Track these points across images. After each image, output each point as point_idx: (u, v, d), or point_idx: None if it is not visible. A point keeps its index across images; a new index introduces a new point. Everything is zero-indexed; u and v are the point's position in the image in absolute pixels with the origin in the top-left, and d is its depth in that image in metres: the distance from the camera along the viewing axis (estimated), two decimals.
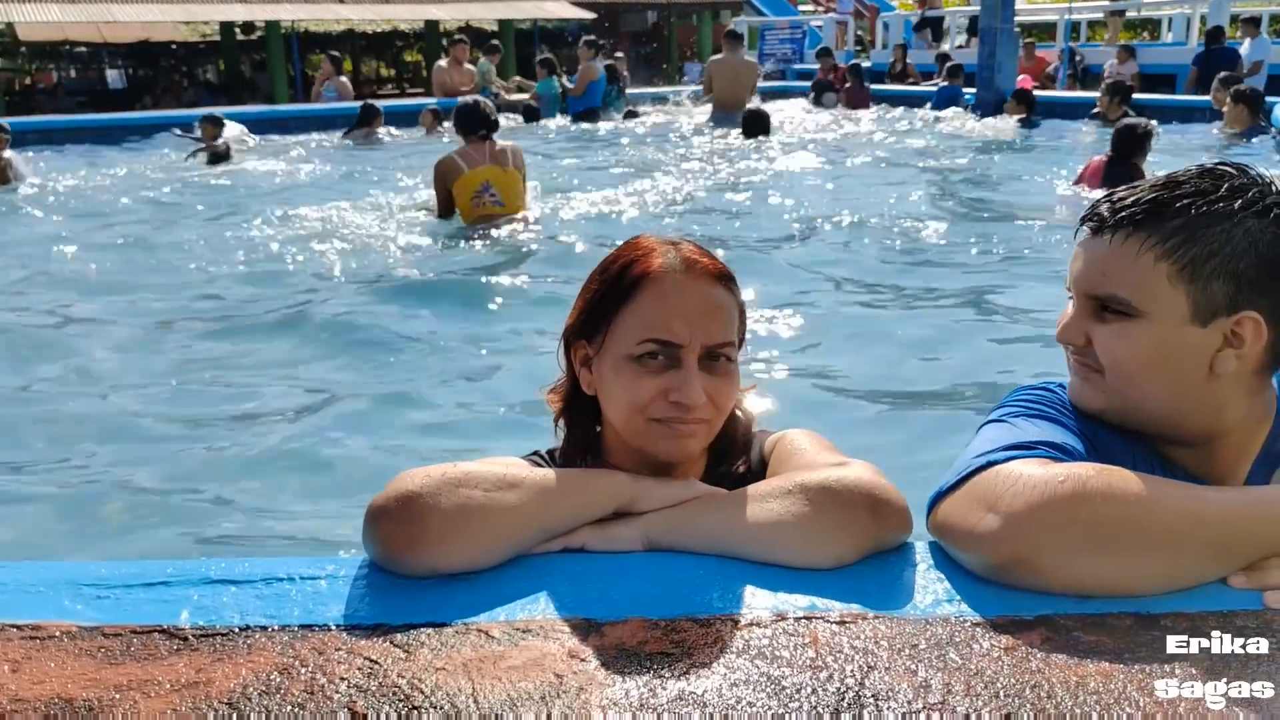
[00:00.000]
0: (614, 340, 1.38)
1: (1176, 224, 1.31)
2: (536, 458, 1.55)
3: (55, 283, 5.90)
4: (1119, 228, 1.34)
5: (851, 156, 10.40)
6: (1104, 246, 1.35)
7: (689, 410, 1.34)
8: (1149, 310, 1.32)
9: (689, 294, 1.36)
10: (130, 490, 3.11)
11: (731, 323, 1.40)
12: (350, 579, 1.22)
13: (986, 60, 13.62)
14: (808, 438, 1.47)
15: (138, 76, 28.96)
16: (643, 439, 1.38)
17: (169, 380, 4.16)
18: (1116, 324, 1.35)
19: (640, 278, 1.37)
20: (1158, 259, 1.31)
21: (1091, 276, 1.36)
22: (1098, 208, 1.38)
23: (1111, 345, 1.35)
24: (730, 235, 6.66)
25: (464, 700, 0.98)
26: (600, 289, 1.42)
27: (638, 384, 1.35)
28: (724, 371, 1.39)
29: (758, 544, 1.23)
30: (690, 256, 1.39)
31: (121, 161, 11.13)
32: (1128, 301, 1.33)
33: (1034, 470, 1.19)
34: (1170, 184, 1.35)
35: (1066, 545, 1.13)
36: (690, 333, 1.35)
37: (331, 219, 7.43)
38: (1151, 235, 1.32)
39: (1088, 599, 1.14)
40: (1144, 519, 1.12)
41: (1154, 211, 1.32)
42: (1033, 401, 1.43)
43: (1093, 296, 1.37)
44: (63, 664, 1.06)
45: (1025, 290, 5.18)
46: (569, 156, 11.11)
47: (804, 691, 0.99)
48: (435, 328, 4.85)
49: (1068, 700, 0.97)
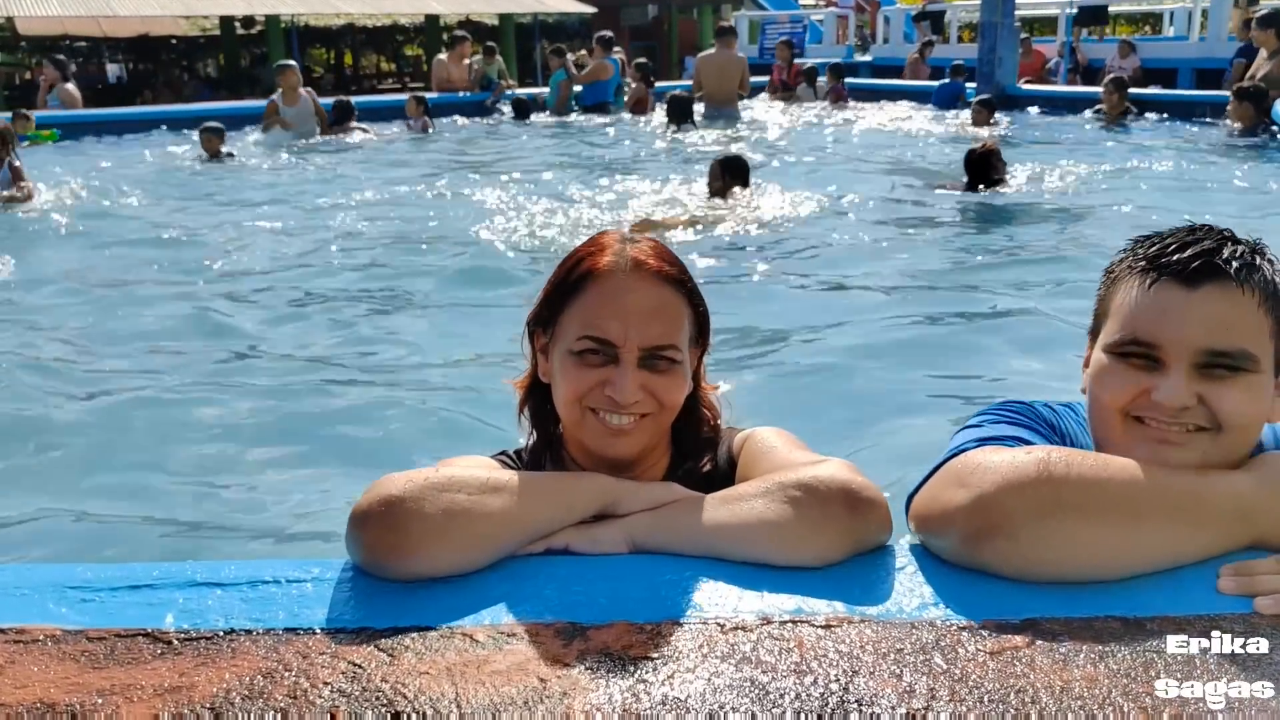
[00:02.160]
0: (560, 333, 1.43)
1: (1264, 276, 1.29)
2: (505, 458, 1.56)
3: (41, 281, 5.89)
4: (1239, 278, 1.27)
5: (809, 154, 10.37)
6: (1222, 298, 1.26)
7: (621, 407, 1.37)
8: (1265, 364, 1.29)
9: (631, 294, 1.38)
10: (115, 491, 3.10)
11: (676, 324, 1.41)
12: (336, 582, 1.22)
13: (987, 55, 13.60)
14: (778, 436, 1.47)
15: (137, 71, 28.93)
16: (581, 432, 1.42)
17: (157, 379, 4.15)
18: (1239, 379, 1.27)
19: (587, 274, 1.40)
20: (1266, 312, 1.28)
21: (1214, 333, 1.26)
22: (1184, 260, 1.28)
23: (1238, 402, 1.27)
24: (687, 238, 6.59)
25: (447, 705, 0.98)
26: (555, 282, 1.45)
27: (575, 376, 1.39)
28: (666, 370, 1.40)
29: (740, 543, 1.24)
30: (639, 257, 1.41)
31: (126, 157, 11.14)
32: (1255, 357, 1.27)
33: (1000, 452, 1.23)
34: (1228, 239, 1.32)
35: (1033, 513, 1.16)
36: (626, 333, 1.36)
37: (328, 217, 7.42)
38: (1259, 288, 1.28)
39: (1061, 579, 1.17)
40: (1104, 485, 1.18)
41: (1251, 264, 1.29)
42: (1008, 412, 1.44)
43: (1215, 352, 1.26)
44: (46, 668, 1.06)
45: (998, 292, 5.17)
46: (552, 152, 11.13)
47: (788, 697, 0.99)
48: (412, 323, 4.83)
49: (1052, 705, 0.97)
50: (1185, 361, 1.27)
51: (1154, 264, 1.31)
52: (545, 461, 1.53)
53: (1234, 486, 1.22)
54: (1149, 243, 1.35)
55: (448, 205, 7.91)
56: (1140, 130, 11.02)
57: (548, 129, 13.13)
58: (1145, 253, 1.34)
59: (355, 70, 32.15)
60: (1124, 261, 1.37)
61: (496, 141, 12.35)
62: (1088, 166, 8.60)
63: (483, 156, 11.08)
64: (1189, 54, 16.32)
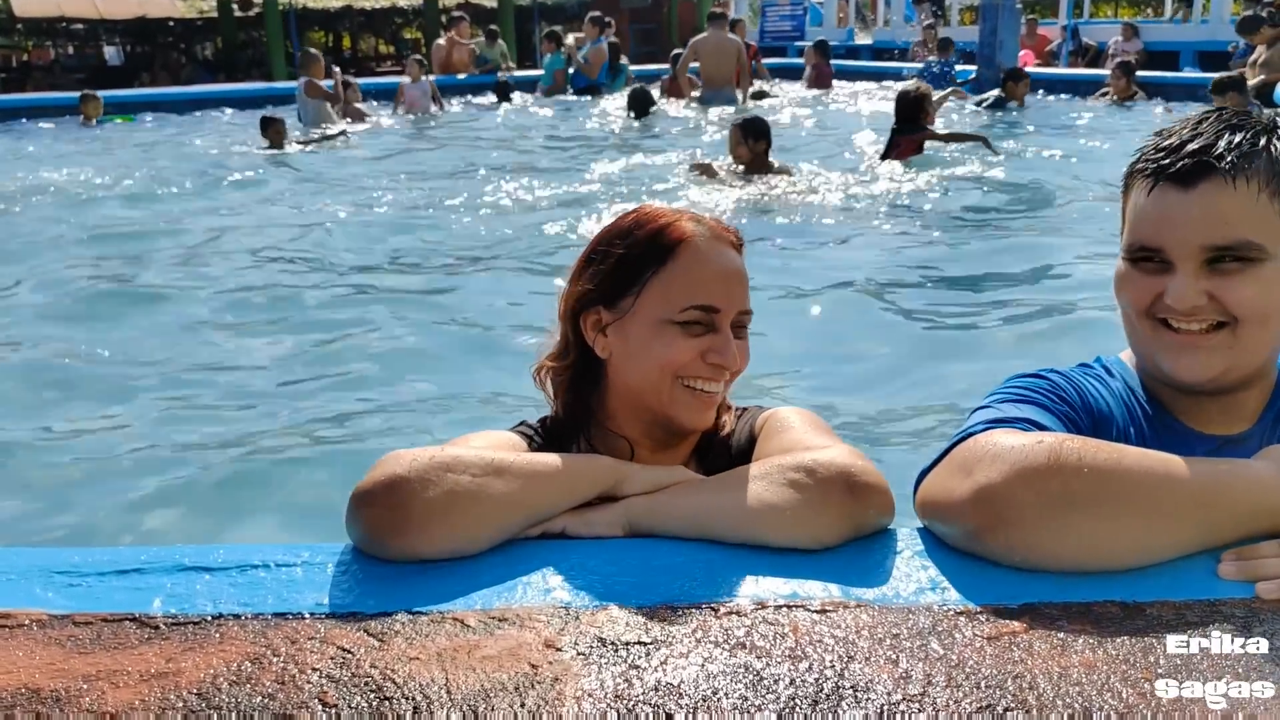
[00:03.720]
0: (649, 304, 1.40)
1: (1267, 161, 1.28)
2: (525, 428, 1.54)
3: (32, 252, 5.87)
4: (1233, 170, 1.26)
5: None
6: (1218, 194, 1.27)
7: (724, 372, 1.40)
8: (1275, 250, 1.28)
9: (724, 260, 1.41)
10: (106, 473, 3.09)
11: (749, 290, 1.44)
12: (326, 566, 1.21)
13: (988, 37, 13.51)
14: (798, 416, 1.46)
15: (135, 53, 28.79)
16: (668, 404, 1.41)
17: (150, 360, 4.14)
18: (1247, 271, 1.28)
19: (677, 243, 1.40)
20: (1271, 197, 1.27)
21: (1215, 228, 1.27)
22: (1176, 160, 1.29)
23: (1250, 293, 1.28)
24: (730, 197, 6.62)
25: (436, 691, 0.97)
26: (626, 254, 1.42)
27: (677, 346, 1.38)
28: (744, 338, 1.44)
29: (737, 525, 1.22)
30: (714, 224, 1.45)
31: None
32: (1261, 245, 1.27)
33: (1010, 438, 1.19)
34: (1233, 126, 1.30)
35: (1042, 506, 1.12)
36: (728, 298, 1.39)
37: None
38: (1260, 173, 1.27)
39: (1068, 572, 1.14)
40: (1118, 479, 1.13)
41: (1251, 152, 1.27)
42: (1023, 389, 1.41)
43: (1217, 247, 1.28)
44: (31, 653, 1.05)
45: (1002, 275, 5.15)
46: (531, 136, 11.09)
47: (782, 683, 0.98)
48: (406, 310, 4.82)
49: (1050, 691, 0.96)
50: (1191, 261, 1.29)
51: (1153, 167, 1.32)
52: (576, 438, 1.51)
53: (1255, 478, 1.17)
54: (1155, 142, 1.35)
55: (438, 193, 7.87)
56: (1143, 111, 10.97)
57: (560, 107, 13.10)
58: (1148, 155, 1.34)
59: (354, 53, 31.97)
60: (1134, 164, 1.38)
61: (503, 125, 12.29)
62: (1099, 143, 8.58)
63: (491, 137, 11.02)
64: (1191, 37, 16.23)
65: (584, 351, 1.48)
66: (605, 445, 1.47)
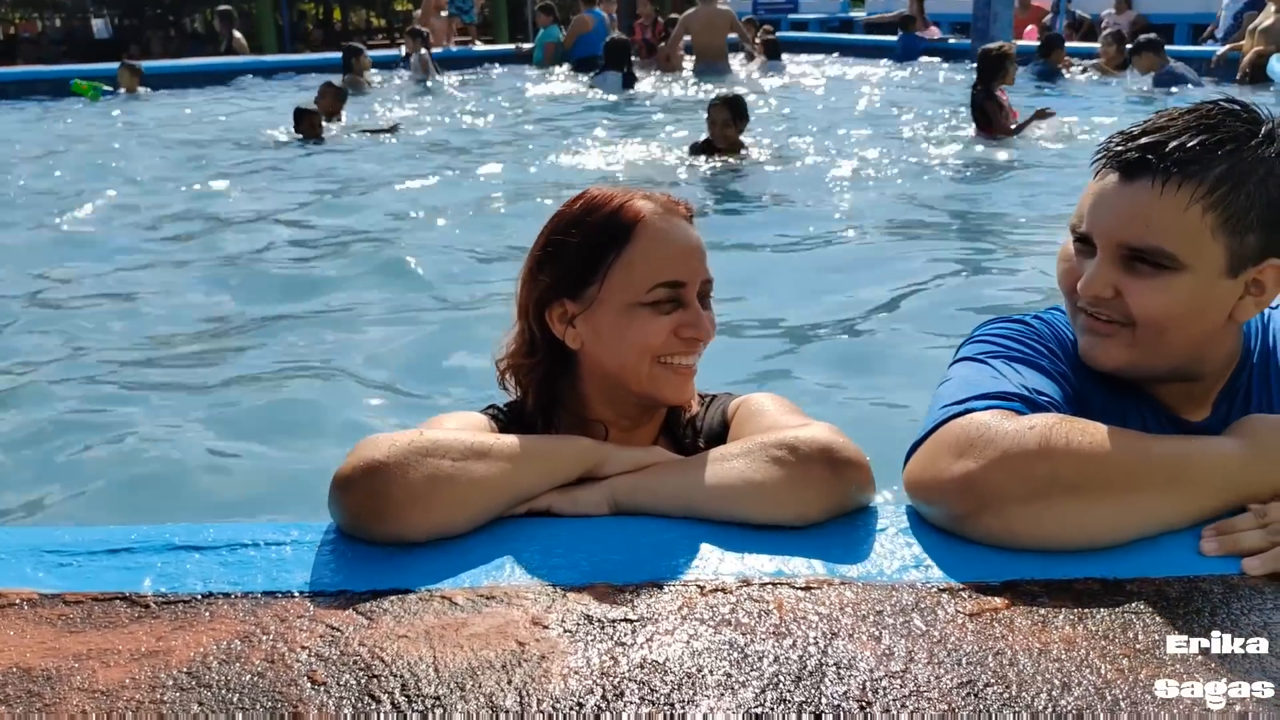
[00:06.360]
0: (614, 289, 1.38)
1: (1221, 172, 1.22)
2: (495, 411, 1.53)
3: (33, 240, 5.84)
4: (1166, 175, 1.23)
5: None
6: (1145, 194, 1.24)
7: (699, 344, 1.40)
8: (1192, 264, 1.24)
9: (679, 234, 1.40)
10: (97, 453, 3.09)
11: (707, 259, 1.44)
12: (315, 545, 1.21)
13: (981, 10, 13.43)
14: (771, 400, 1.47)
15: (124, 26, 28.48)
16: (649, 384, 1.40)
17: (143, 339, 4.13)
18: (1156, 277, 1.26)
19: (633, 223, 1.38)
20: (1205, 210, 1.23)
21: (1131, 227, 1.25)
22: (1127, 148, 1.27)
23: (1150, 300, 1.26)
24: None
25: (424, 669, 0.98)
26: (582, 242, 1.40)
27: (651, 327, 1.37)
28: (709, 307, 1.44)
29: (720, 502, 1.23)
30: (665, 199, 1.43)
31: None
32: (1174, 255, 1.24)
33: (1002, 422, 1.19)
34: (1205, 126, 1.25)
35: (1028, 493, 1.14)
36: (691, 271, 1.39)
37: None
38: (1200, 184, 1.22)
39: (1050, 551, 1.15)
40: (1099, 461, 1.14)
41: (1201, 158, 1.23)
42: (1010, 339, 1.40)
43: (1131, 248, 1.26)
44: (22, 632, 1.05)
45: (973, 235, 5.16)
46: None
47: (766, 660, 0.99)
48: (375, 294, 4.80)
49: (1030, 668, 0.97)
50: (1108, 252, 1.28)
51: (1111, 149, 1.30)
52: (543, 425, 1.49)
53: (1223, 453, 1.20)
54: (1137, 123, 1.33)
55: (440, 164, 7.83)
56: (1136, 82, 10.94)
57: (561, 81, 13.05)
58: (1115, 135, 1.32)
59: (345, 26, 31.69)
60: (1105, 140, 1.35)
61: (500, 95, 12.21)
62: (1101, 118, 8.56)
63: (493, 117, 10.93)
64: (1186, 9, 16.14)
65: (552, 345, 1.46)
66: (577, 429, 1.45)
